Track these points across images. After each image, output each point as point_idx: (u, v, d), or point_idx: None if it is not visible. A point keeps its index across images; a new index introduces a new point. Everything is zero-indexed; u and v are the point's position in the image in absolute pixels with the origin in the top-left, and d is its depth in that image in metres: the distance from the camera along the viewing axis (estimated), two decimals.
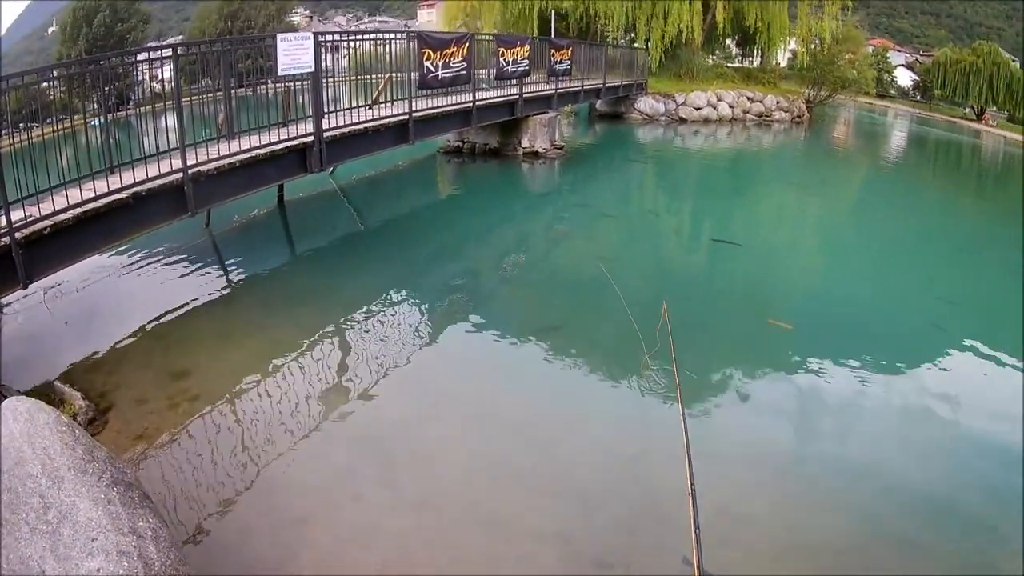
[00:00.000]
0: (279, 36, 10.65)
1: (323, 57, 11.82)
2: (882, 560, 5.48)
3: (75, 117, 8.33)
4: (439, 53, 15.76)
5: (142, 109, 10.27)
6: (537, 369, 8.58)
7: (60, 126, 8.21)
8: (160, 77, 10.01)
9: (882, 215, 19.42)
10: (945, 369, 9.08)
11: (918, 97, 75.85)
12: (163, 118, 9.60)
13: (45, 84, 8.16)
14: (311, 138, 11.58)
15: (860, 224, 18.25)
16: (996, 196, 27.41)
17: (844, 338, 9.77)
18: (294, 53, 10.77)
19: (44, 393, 6.88)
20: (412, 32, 15.32)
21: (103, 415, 6.83)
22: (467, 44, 16.75)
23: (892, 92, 76.13)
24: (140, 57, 9.40)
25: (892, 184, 26.20)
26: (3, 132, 7.70)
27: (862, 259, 14.56)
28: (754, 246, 14.84)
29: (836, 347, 9.34)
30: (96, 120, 8.81)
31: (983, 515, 6.09)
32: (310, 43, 10.98)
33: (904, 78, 79.56)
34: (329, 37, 13.03)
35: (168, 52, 9.06)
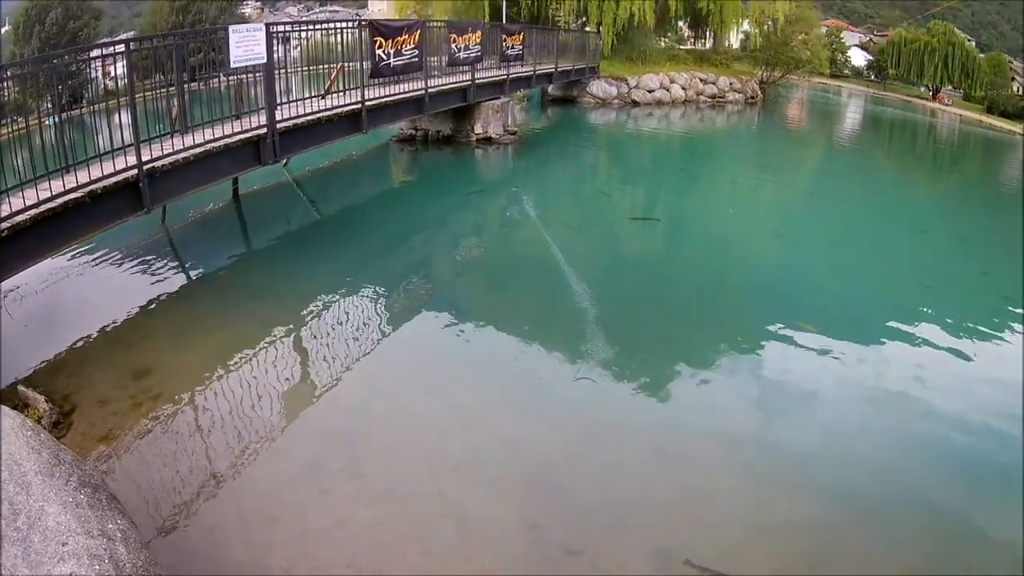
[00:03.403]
0: (231, 28, 10.60)
1: (275, 48, 11.77)
2: (852, 538, 5.67)
3: (29, 117, 8.21)
4: (391, 41, 15.74)
5: (96, 107, 10.18)
6: (496, 357, 8.72)
7: (15, 127, 8.13)
8: (113, 74, 9.93)
9: (836, 198, 19.83)
10: (907, 346, 9.41)
11: (872, 76, 76.60)
12: (117, 115, 9.52)
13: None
14: (264, 130, 11.57)
15: (814, 207, 18.63)
16: (951, 176, 28.05)
17: (802, 317, 10.00)
18: (246, 44, 10.72)
19: (8, 398, 6.85)
20: (363, 20, 15.24)
21: (67, 417, 6.80)
22: (418, 31, 16.75)
23: (846, 72, 76.83)
24: (93, 54, 9.28)
25: (847, 166, 26.63)
26: None
27: (816, 241, 14.93)
28: (707, 228, 15.20)
29: (789, 325, 9.60)
30: (50, 119, 8.71)
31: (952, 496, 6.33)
32: (262, 34, 10.95)
33: (858, 58, 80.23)
34: (281, 28, 12.96)
35: (121, 48, 8.99)
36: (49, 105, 8.62)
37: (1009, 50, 79.94)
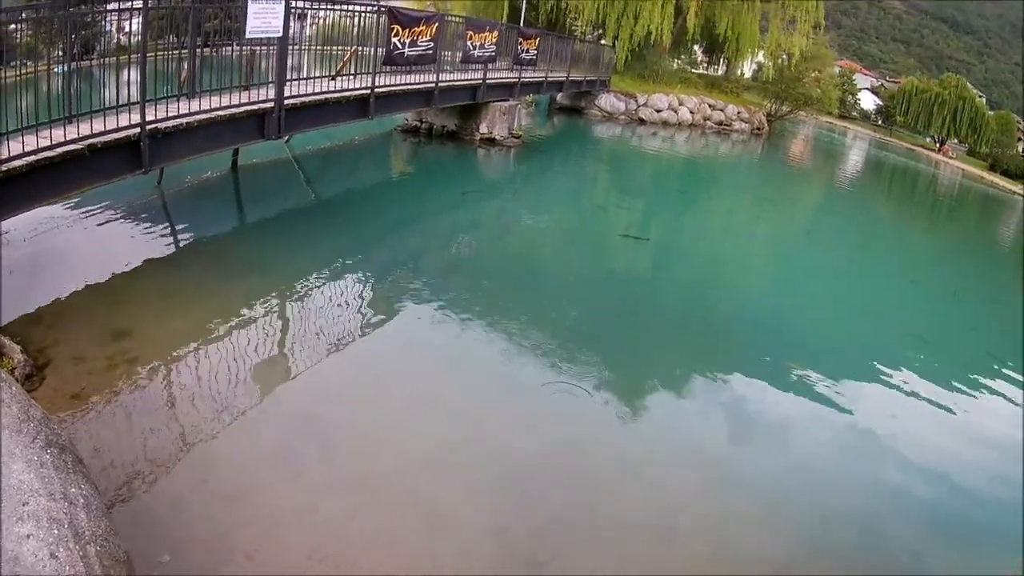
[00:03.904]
0: None
1: (291, 24, 11.68)
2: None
3: (39, 63, 8.11)
4: (408, 30, 15.68)
5: (105, 60, 10.08)
6: (476, 357, 8.68)
7: (23, 71, 8.02)
8: (127, 29, 9.83)
9: (833, 238, 20.00)
10: (887, 394, 9.48)
11: (879, 121, 77.02)
12: (126, 71, 9.42)
13: (13, 26, 7.96)
14: (271, 104, 11.49)
15: (810, 245, 18.76)
16: (948, 228, 28.32)
17: (786, 352, 10.07)
18: (264, 16, 10.65)
19: None
20: (383, 7, 15.16)
21: (40, 371, 6.63)
22: (436, 24, 16.72)
23: (854, 114, 77.26)
24: (110, 7, 9.20)
25: (846, 207, 26.84)
26: None
27: (809, 280, 15.00)
28: (697, 254, 15.29)
29: (771, 361, 9.64)
30: (59, 68, 8.61)
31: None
32: (281, 7, 10.87)
33: (868, 101, 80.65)
34: (300, 4, 12.88)
35: (139, 4, 8.91)
36: (60, 53, 8.52)
37: (1019, 110, 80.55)
